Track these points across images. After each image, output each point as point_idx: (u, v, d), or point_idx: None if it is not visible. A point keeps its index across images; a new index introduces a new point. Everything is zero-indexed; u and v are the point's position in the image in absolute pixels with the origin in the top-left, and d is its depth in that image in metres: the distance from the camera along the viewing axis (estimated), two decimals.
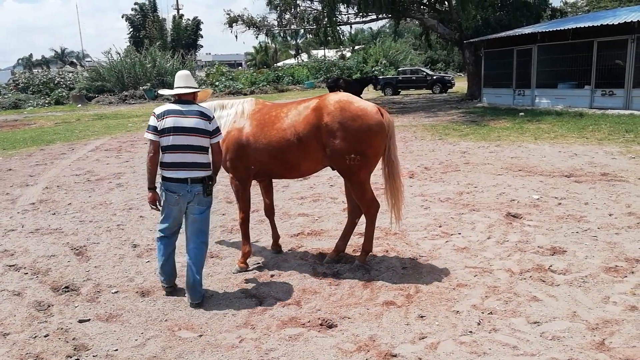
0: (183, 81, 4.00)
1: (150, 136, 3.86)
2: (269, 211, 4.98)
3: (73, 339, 3.45)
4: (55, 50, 71.69)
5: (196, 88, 4.04)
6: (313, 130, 4.13)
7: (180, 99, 3.99)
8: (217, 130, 4.01)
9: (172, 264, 4.15)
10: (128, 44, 46.81)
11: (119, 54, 33.70)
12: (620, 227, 5.19)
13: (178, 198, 3.90)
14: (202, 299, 3.95)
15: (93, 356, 3.24)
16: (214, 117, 4.03)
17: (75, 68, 45.59)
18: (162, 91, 4.47)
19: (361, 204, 4.38)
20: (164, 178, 3.94)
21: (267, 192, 4.96)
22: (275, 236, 5.02)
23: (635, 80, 14.70)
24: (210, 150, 4.01)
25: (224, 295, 4.09)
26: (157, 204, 4.01)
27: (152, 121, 3.85)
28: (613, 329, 3.29)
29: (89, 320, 3.72)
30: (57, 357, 3.24)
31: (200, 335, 3.46)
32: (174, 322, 3.67)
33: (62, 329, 3.60)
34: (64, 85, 32.24)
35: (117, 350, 3.31)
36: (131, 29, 50.64)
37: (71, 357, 3.23)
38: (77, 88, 31.65)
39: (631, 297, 3.69)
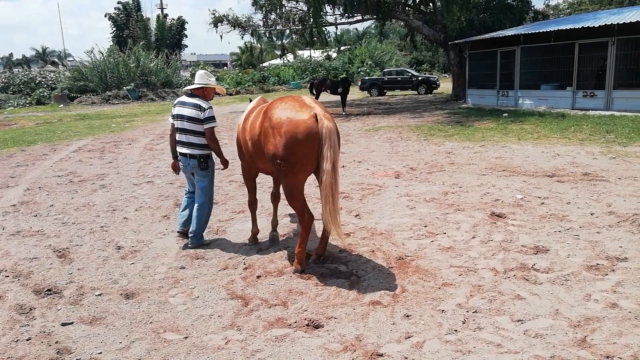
0: (196, 79, 5.17)
1: (169, 119, 5.25)
2: (275, 197, 5.46)
3: (56, 343, 3.39)
4: (36, 50, 70.66)
5: (200, 84, 5.12)
6: (259, 132, 4.42)
7: (192, 93, 5.13)
8: (208, 119, 4.96)
9: (188, 214, 5.28)
10: (111, 43, 46.27)
11: (102, 53, 33.24)
12: (601, 226, 5.29)
13: (183, 167, 5.18)
14: (197, 246, 5.11)
15: (76, 359, 3.20)
16: (208, 108, 4.98)
17: (57, 67, 44.87)
18: (185, 88, 5.56)
19: (293, 210, 4.56)
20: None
21: (275, 181, 5.44)
22: (275, 222, 5.39)
23: (615, 81, 15.00)
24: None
25: (209, 296, 4.07)
26: (176, 171, 5.33)
27: (171, 109, 5.14)
28: (594, 326, 3.35)
29: (72, 323, 3.66)
30: None
31: (186, 337, 3.43)
32: (159, 324, 3.63)
33: (44, 332, 3.54)
34: (45, 85, 31.68)
35: (101, 353, 3.26)
36: (114, 29, 50.08)
37: None
38: (59, 88, 31.14)
39: (612, 295, 3.77)
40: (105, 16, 50.37)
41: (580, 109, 15.44)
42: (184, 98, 5.10)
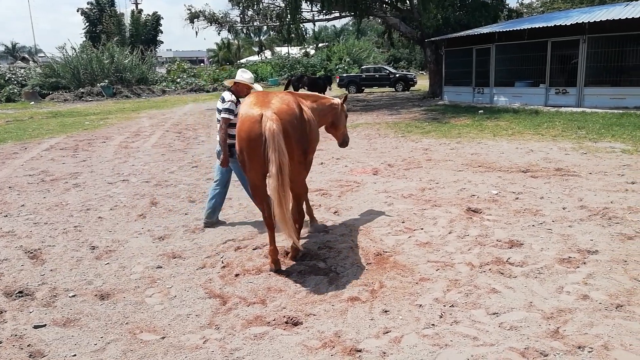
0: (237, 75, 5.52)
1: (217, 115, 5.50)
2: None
3: (28, 346, 3.31)
4: (5, 45, 68.42)
5: (235, 80, 5.51)
6: None
7: (229, 88, 5.59)
8: (224, 110, 5.22)
9: (213, 204, 5.74)
10: (84, 39, 45.13)
11: (75, 49, 32.45)
12: (573, 220, 5.42)
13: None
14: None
15: None
16: (228, 101, 5.25)
17: (28, 64, 43.63)
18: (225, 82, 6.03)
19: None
20: None
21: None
22: (309, 211, 5.60)
23: (586, 79, 15.38)
24: None
25: (187, 295, 4.02)
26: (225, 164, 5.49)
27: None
28: (567, 317, 3.44)
29: (44, 325, 3.57)
30: None
31: (163, 337, 3.39)
32: (135, 324, 3.58)
33: (16, 335, 3.45)
34: (15, 82, 30.78)
35: (75, 355, 3.20)
36: (87, 24, 48.86)
37: None
38: (30, 85, 30.30)
39: (583, 287, 3.87)
40: (77, 11, 49.06)
41: (553, 106, 15.79)
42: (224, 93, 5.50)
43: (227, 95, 5.35)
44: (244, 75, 5.48)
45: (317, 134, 4.96)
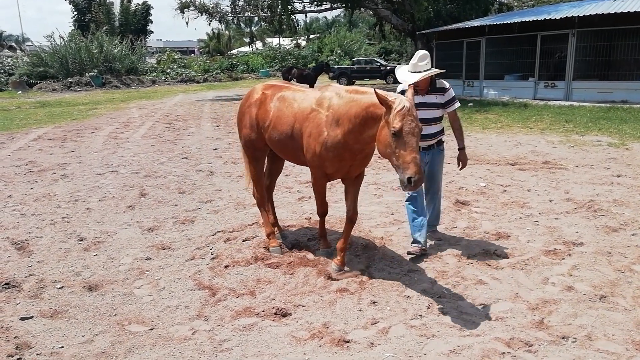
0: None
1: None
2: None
3: (15, 338, 3.29)
4: None
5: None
6: None
7: None
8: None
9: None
10: (72, 28, 44.41)
11: (63, 38, 31.95)
12: (559, 212, 5.49)
13: None
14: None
15: (37, 354, 3.12)
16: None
17: (15, 52, 42.87)
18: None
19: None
20: None
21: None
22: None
23: (575, 73, 15.50)
24: None
25: (176, 287, 4.02)
26: None
27: None
28: (551, 308, 3.49)
29: (31, 317, 3.56)
30: None
31: (152, 329, 3.39)
32: (123, 316, 3.57)
33: (2, 327, 3.43)
34: (2, 71, 30.24)
35: (62, 347, 3.19)
36: (75, 13, 48.06)
37: (13, 357, 3.09)
38: (17, 74, 29.78)
39: (568, 278, 3.93)
40: (65, 0, 48.30)
41: (542, 99, 15.92)
42: None
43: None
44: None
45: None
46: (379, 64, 32.19)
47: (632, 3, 14.65)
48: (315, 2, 24.33)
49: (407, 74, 4.34)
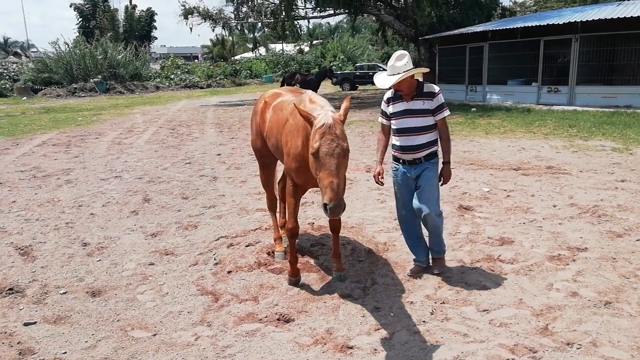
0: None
1: None
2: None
3: (18, 343, 3.30)
4: None
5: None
6: None
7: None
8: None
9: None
10: (77, 34, 44.76)
11: (68, 44, 32.20)
12: (563, 217, 5.47)
13: None
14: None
15: None
16: None
17: (20, 59, 43.27)
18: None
19: None
20: None
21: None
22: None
23: (578, 77, 15.47)
24: None
25: (179, 292, 4.02)
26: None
27: None
28: (556, 314, 3.47)
29: (35, 323, 3.56)
30: None
31: (154, 335, 3.39)
32: (126, 322, 3.57)
33: (5, 332, 3.43)
34: (7, 77, 30.49)
35: (65, 353, 3.19)
36: (80, 19, 48.40)
37: None
38: (22, 80, 30.03)
39: (572, 284, 3.91)
40: (70, 6, 48.53)
41: (545, 104, 15.88)
42: None
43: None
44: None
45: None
46: (381, 69, 32.26)
47: (636, 8, 14.64)
48: (318, 8, 24.40)
49: (384, 77, 3.92)
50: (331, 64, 42.11)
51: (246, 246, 4.98)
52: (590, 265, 4.22)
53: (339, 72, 33.41)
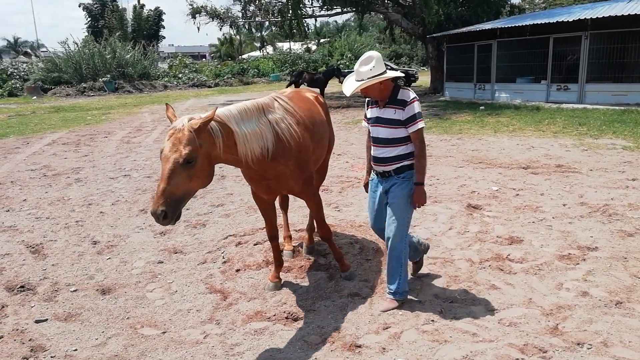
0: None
1: None
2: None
3: (29, 340, 3.33)
4: (7, 40, 68.22)
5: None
6: None
7: None
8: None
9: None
10: (86, 34, 45.08)
11: (77, 44, 32.38)
12: (573, 216, 5.43)
13: None
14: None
15: (51, 357, 3.15)
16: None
17: (30, 58, 43.50)
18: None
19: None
20: None
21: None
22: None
23: (588, 75, 15.33)
24: None
25: (188, 290, 4.04)
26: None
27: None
28: (566, 314, 3.45)
29: (46, 320, 3.60)
30: (12, 359, 3.13)
31: (164, 332, 3.41)
32: (136, 319, 3.60)
33: (17, 330, 3.47)
34: (17, 77, 30.72)
35: (76, 350, 3.22)
36: (89, 19, 48.76)
37: (28, 359, 3.13)
38: (32, 79, 30.26)
39: (583, 283, 3.88)
40: (79, 6, 48.86)
41: (554, 102, 15.74)
42: None
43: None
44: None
45: None
46: (389, 67, 32.15)
47: None
48: (325, 7, 24.38)
49: (351, 82, 3.52)
50: (339, 62, 42.07)
51: (254, 244, 4.99)
52: (600, 265, 4.19)
53: (346, 71, 33.36)
